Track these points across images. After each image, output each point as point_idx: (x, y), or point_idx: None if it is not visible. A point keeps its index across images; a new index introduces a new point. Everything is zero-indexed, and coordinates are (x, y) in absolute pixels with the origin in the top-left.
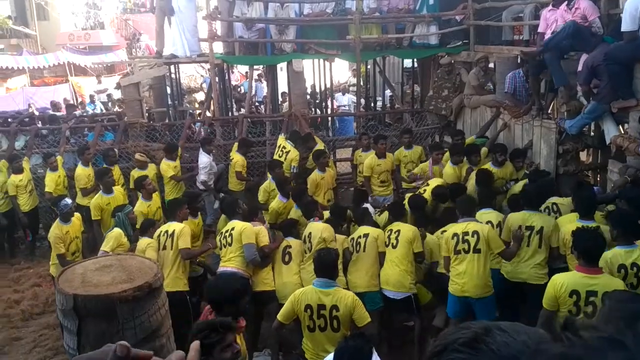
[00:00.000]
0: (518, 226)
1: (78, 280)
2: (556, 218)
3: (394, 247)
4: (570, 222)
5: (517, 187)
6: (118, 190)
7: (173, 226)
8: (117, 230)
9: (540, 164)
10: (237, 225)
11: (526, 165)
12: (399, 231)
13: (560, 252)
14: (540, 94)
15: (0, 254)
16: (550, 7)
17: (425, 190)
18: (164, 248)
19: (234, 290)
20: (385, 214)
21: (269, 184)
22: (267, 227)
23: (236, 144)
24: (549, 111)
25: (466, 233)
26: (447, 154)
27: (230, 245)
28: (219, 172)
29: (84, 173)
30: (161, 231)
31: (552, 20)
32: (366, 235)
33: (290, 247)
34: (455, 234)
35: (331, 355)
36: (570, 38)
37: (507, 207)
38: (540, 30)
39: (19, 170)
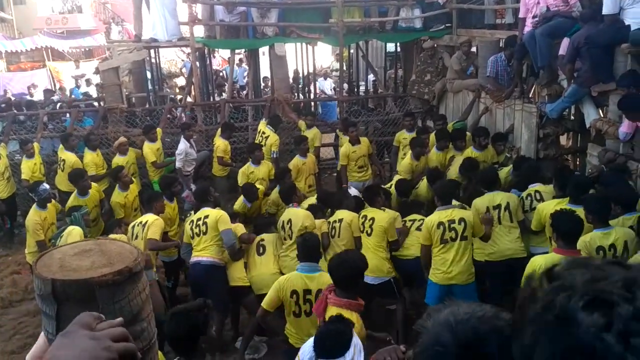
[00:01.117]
0: (486, 208)
1: (56, 265)
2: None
3: (369, 234)
4: (555, 208)
5: (502, 174)
6: (94, 188)
7: (147, 217)
8: (79, 229)
9: (521, 147)
10: (211, 213)
11: (507, 149)
12: (373, 219)
13: (547, 234)
14: (522, 78)
15: None
16: None
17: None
18: (136, 238)
19: (360, 269)
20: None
21: (247, 166)
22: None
23: (220, 129)
24: (530, 95)
25: (452, 221)
26: (432, 138)
27: (205, 233)
28: (203, 158)
29: (92, 159)
30: (136, 222)
31: (532, 4)
32: (340, 220)
33: (263, 240)
34: (440, 223)
35: (311, 340)
36: (549, 37)
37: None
38: (520, 15)
39: None
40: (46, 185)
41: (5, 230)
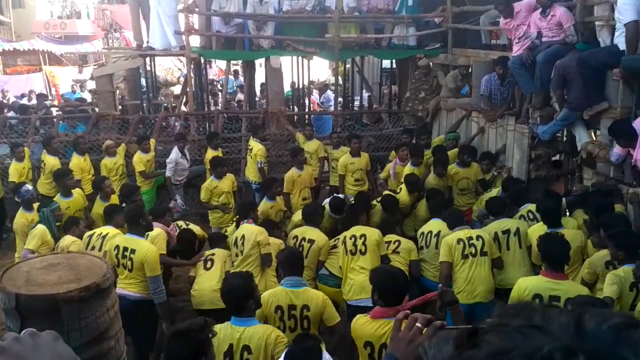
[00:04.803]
0: (494, 233)
1: (22, 279)
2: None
3: (363, 253)
4: (540, 232)
5: (492, 195)
6: (79, 193)
7: (108, 230)
8: (41, 228)
9: (512, 167)
10: (138, 247)
11: (497, 167)
12: (364, 235)
13: (534, 260)
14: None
15: None
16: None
17: (400, 190)
18: (93, 249)
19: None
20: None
21: (211, 181)
22: (173, 229)
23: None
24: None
25: (470, 238)
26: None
27: (130, 270)
28: (198, 172)
29: (78, 163)
30: (94, 233)
31: (514, 26)
32: (311, 242)
33: (213, 254)
34: (460, 240)
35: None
36: (550, 63)
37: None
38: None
39: None
40: (29, 187)
41: None
